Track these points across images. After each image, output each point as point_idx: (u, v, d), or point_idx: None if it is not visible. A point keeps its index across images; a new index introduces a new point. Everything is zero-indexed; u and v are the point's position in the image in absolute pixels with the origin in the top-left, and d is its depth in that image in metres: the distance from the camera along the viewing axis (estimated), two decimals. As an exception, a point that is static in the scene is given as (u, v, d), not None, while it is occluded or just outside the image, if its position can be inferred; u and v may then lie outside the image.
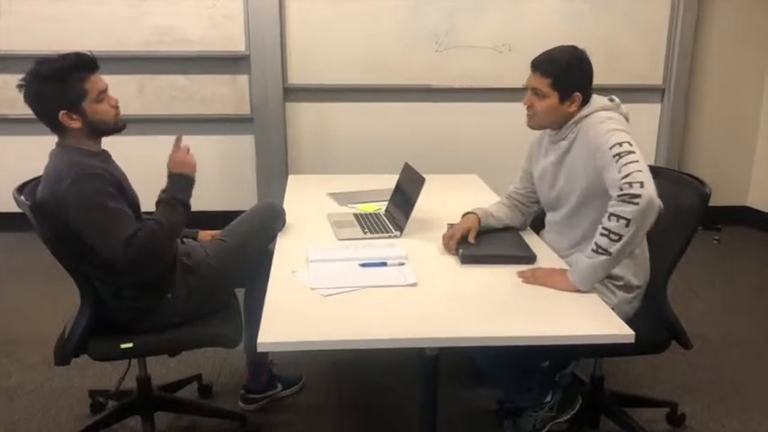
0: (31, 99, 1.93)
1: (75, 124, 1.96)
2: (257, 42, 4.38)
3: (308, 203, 2.74)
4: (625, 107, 2.08)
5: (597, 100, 2.08)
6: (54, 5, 4.27)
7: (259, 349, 1.53)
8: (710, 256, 4.40)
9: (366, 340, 1.59)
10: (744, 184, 5.04)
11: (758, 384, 2.78)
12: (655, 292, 2.11)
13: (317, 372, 2.80)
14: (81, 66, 1.96)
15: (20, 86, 1.93)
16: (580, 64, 2.06)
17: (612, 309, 1.79)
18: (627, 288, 2.05)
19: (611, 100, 2.09)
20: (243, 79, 4.51)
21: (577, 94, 2.04)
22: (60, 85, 1.92)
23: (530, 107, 2.11)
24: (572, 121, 2.07)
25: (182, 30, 4.38)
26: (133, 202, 2.06)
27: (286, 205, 2.55)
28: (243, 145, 4.65)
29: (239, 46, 4.42)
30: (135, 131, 2.15)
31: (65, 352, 2.00)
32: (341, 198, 2.81)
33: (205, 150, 4.62)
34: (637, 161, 1.83)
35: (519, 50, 4.54)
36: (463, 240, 2.13)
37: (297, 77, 4.53)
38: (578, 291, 1.82)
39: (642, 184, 1.77)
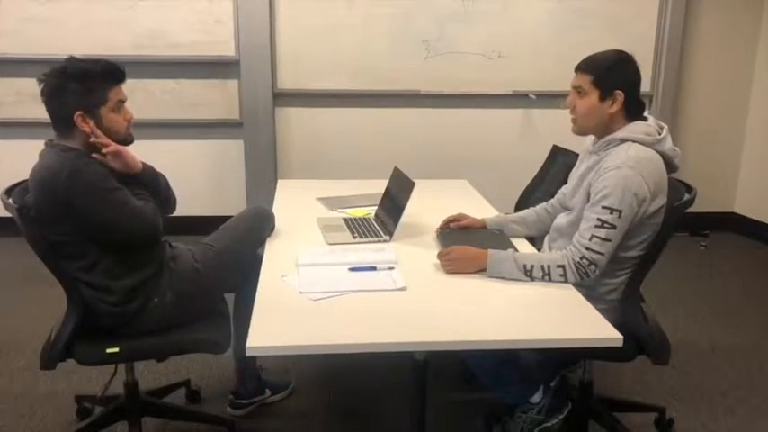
0: (50, 93, 1.94)
1: (87, 128, 1.96)
2: (247, 47, 4.38)
3: (298, 208, 2.74)
4: (670, 141, 2.02)
5: (640, 127, 2.01)
6: (43, 9, 4.25)
7: (248, 353, 1.53)
8: (698, 262, 4.43)
9: (355, 344, 1.58)
10: (731, 190, 5.09)
11: (745, 389, 2.80)
12: (626, 299, 2.08)
13: (305, 376, 2.79)
14: (110, 74, 2.00)
15: (40, 80, 1.94)
16: (623, 64, 2.02)
17: None
18: (597, 300, 1.98)
19: (660, 128, 2.03)
20: (233, 84, 4.50)
21: (619, 92, 1.98)
22: (85, 87, 1.94)
23: (572, 110, 2.07)
24: (610, 137, 2.02)
25: (172, 34, 4.37)
26: None
27: (275, 210, 2.55)
28: (232, 150, 4.63)
29: (229, 51, 4.42)
30: (124, 135, 2.15)
31: (51, 356, 1.98)
32: (330, 203, 2.81)
33: (194, 155, 4.62)
34: (609, 240, 1.92)
35: (508, 57, 4.57)
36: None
37: (287, 82, 4.53)
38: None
39: (596, 270, 1.94)
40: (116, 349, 2.00)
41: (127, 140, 2.07)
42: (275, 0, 4.37)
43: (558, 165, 2.95)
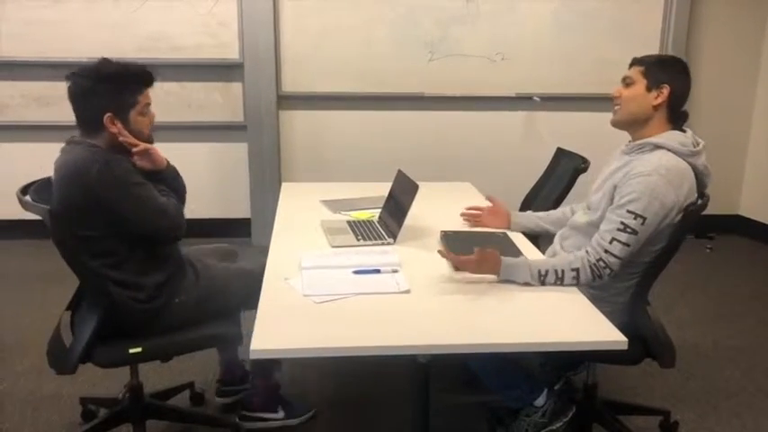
0: (80, 93, 1.97)
1: (114, 129, 1.98)
2: (251, 50, 4.39)
3: (302, 211, 2.74)
4: (704, 158, 2.02)
5: (678, 136, 2.00)
6: (47, 12, 4.27)
7: (252, 356, 1.53)
8: (703, 265, 4.41)
9: (359, 347, 1.58)
10: (736, 193, 5.08)
11: (750, 392, 2.79)
12: (633, 302, 2.07)
13: (307, 378, 2.79)
14: (142, 79, 2.04)
15: (68, 78, 1.97)
16: (677, 65, 2.05)
17: None
18: (605, 302, 1.99)
19: (697, 143, 2.02)
20: (236, 87, 4.51)
21: (666, 86, 1.99)
22: (117, 90, 1.98)
23: (617, 98, 2.09)
24: (644, 141, 2.01)
25: (175, 37, 4.38)
26: None
27: (279, 212, 2.55)
28: (236, 152, 4.64)
29: (233, 53, 4.43)
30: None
31: (70, 360, 1.95)
32: (334, 205, 2.81)
33: (198, 158, 4.63)
34: (628, 246, 1.91)
35: (512, 59, 4.56)
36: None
37: (290, 85, 4.54)
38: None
39: (609, 273, 1.94)
40: (139, 349, 2.01)
41: (148, 140, 2.11)
42: (279, 3, 4.39)
43: (563, 167, 2.95)
